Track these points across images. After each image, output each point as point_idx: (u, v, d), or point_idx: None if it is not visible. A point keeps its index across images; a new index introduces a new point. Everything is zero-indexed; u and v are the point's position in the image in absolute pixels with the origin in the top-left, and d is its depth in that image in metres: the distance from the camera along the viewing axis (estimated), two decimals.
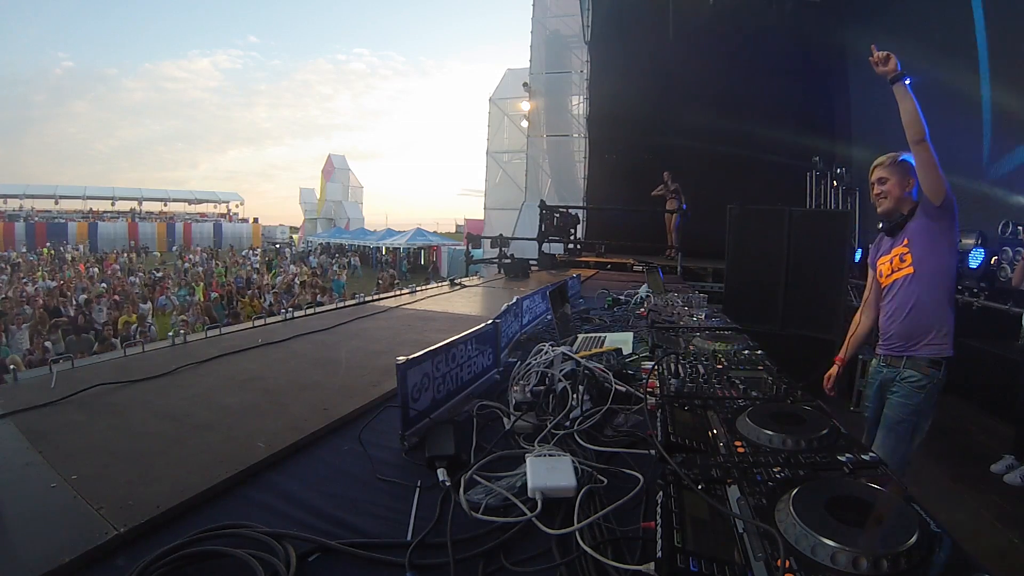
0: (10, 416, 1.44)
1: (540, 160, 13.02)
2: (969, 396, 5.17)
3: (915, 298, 2.07)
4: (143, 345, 2.30)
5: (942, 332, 2.06)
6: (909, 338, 2.10)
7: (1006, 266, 4.78)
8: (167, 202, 38.47)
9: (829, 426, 1.02)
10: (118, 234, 30.80)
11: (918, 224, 2.07)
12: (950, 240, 2.05)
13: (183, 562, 0.83)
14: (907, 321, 2.10)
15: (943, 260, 2.05)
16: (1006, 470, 3.75)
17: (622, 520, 0.93)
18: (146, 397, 1.64)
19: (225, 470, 1.14)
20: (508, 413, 1.42)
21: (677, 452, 0.97)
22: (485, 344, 1.75)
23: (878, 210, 2.19)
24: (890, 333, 2.17)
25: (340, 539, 0.91)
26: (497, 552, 0.89)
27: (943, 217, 2.00)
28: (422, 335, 2.60)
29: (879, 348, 2.26)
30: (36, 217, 31.05)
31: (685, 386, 1.36)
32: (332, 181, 37.70)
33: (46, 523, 0.96)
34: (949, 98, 6.57)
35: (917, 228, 2.07)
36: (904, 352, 2.11)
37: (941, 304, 2.06)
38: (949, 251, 2.06)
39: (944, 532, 0.68)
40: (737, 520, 0.73)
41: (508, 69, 14.61)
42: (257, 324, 2.82)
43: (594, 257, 8.01)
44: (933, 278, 2.05)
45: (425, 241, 25.50)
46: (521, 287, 4.72)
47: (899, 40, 7.52)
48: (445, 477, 1.11)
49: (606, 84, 10.94)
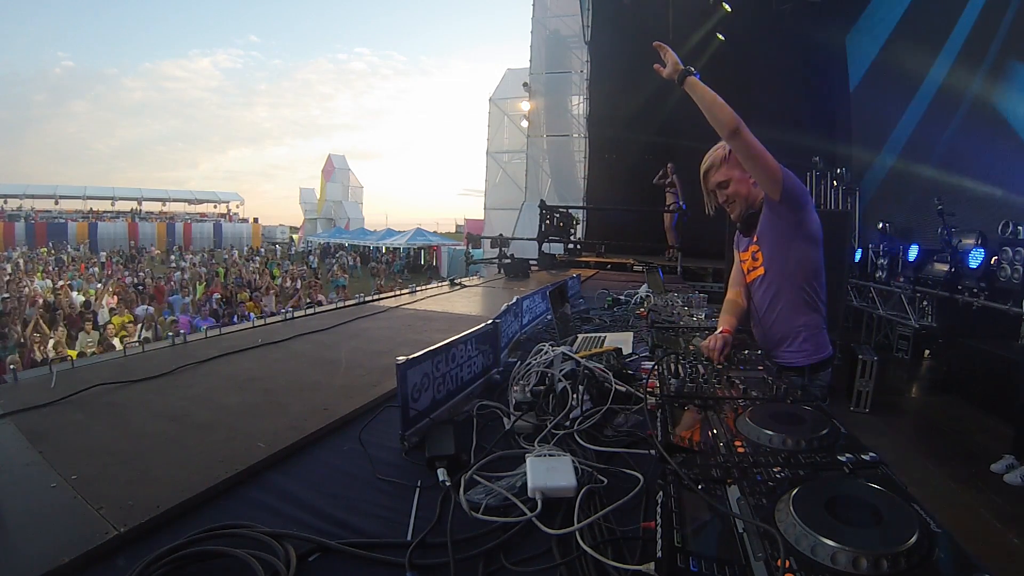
0: (10, 416, 1.44)
1: (540, 160, 13.02)
2: (969, 396, 5.18)
3: (767, 302, 1.88)
4: (143, 345, 2.30)
5: (799, 339, 1.84)
6: (767, 345, 1.90)
7: (1006, 266, 4.78)
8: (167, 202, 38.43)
9: (829, 426, 1.02)
10: (118, 234, 30.76)
11: (764, 221, 1.82)
12: (805, 233, 1.79)
13: (183, 562, 0.83)
14: (762, 327, 1.93)
15: (797, 256, 1.80)
16: (1006, 470, 3.76)
17: (622, 520, 0.93)
18: (146, 397, 1.64)
19: (225, 470, 1.14)
20: (508, 413, 1.42)
21: (677, 452, 0.97)
22: (485, 344, 1.75)
23: (731, 216, 1.95)
24: (756, 336, 1.98)
25: (340, 539, 0.91)
26: (497, 552, 0.89)
27: (789, 210, 1.74)
28: (422, 335, 2.60)
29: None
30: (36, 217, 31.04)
31: (685, 386, 1.36)
32: (332, 181, 37.70)
33: (46, 523, 0.96)
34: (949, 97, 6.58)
35: (764, 225, 1.83)
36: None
37: (796, 308, 1.83)
38: (805, 245, 1.80)
39: (944, 532, 0.68)
40: (737, 520, 0.73)
41: (508, 69, 14.62)
42: (257, 324, 2.83)
43: (594, 257, 8.01)
44: (785, 279, 1.83)
45: (425, 241, 25.49)
46: (521, 287, 4.72)
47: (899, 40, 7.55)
48: (445, 477, 1.11)
49: (606, 84, 10.94)
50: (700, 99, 1.68)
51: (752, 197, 1.86)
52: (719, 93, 1.66)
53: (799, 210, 1.76)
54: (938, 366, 6.25)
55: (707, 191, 1.95)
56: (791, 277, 1.83)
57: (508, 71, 14.58)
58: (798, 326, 1.85)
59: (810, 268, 1.83)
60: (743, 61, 9.05)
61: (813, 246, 1.82)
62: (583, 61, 11.90)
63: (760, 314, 1.93)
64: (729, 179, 1.86)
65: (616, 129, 10.79)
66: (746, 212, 1.89)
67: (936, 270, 5.77)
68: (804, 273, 1.83)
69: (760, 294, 1.92)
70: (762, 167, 1.67)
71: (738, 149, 1.68)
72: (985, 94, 5.97)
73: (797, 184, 1.73)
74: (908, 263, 6.35)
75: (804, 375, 1.84)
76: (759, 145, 1.64)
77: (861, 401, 5.16)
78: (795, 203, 1.73)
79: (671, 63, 1.76)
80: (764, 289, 1.89)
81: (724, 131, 1.64)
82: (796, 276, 1.83)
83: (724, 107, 1.63)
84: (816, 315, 1.86)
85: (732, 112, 1.62)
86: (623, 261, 7.51)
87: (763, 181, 1.73)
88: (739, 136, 1.62)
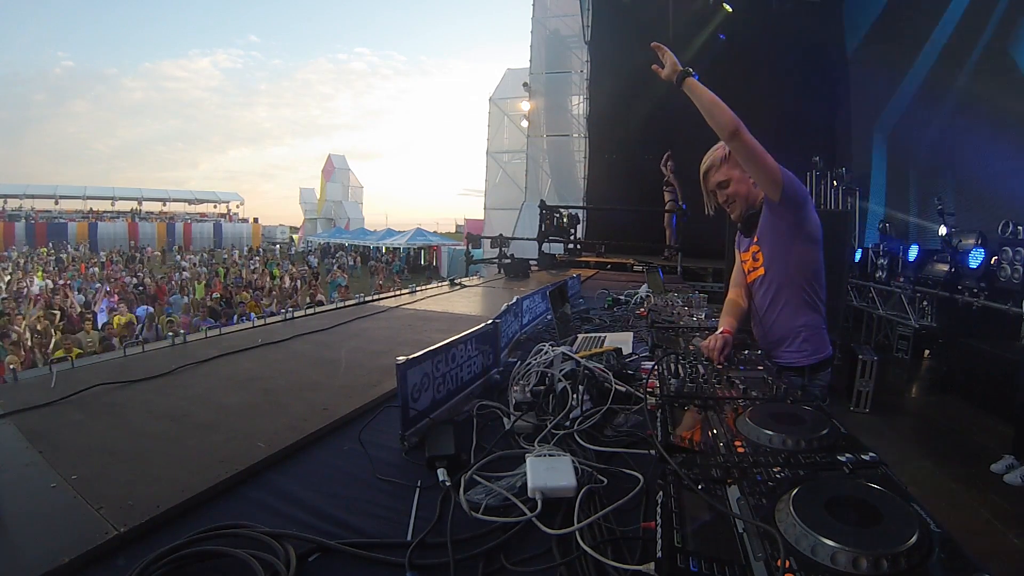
0: (10, 416, 1.44)
1: (540, 160, 13.02)
2: (969, 396, 5.18)
3: (768, 303, 1.88)
4: (143, 345, 2.30)
5: (799, 339, 1.84)
6: (767, 345, 1.91)
7: (1006, 266, 4.78)
8: (167, 202, 38.44)
9: (829, 426, 1.02)
10: (118, 234, 30.78)
11: (764, 221, 1.82)
12: (805, 233, 1.79)
13: (183, 562, 0.83)
14: (762, 327, 1.93)
15: (798, 257, 1.81)
16: (1006, 470, 3.76)
17: (622, 520, 0.93)
18: (146, 397, 1.64)
19: (225, 470, 1.14)
20: (508, 413, 1.42)
21: (677, 452, 0.97)
22: (485, 344, 1.75)
23: (732, 217, 1.95)
24: (756, 336, 1.98)
25: (340, 539, 0.91)
26: (497, 552, 0.89)
27: (788, 210, 1.73)
28: (422, 335, 2.60)
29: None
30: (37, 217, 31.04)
31: (685, 386, 1.36)
32: (332, 181, 37.73)
33: (46, 523, 0.96)
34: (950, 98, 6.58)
35: (765, 226, 1.83)
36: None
37: (796, 309, 1.84)
38: (805, 246, 1.80)
39: (944, 532, 0.68)
40: (737, 520, 0.73)
41: (508, 69, 14.64)
42: (257, 324, 2.83)
43: (594, 257, 8.01)
44: (785, 280, 1.83)
45: (425, 241, 25.49)
46: (521, 287, 4.72)
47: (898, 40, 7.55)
48: (445, 477, 1.11)
49: (606, 84, 10.94)
50: (699, 100, 1.67)
51: (752, 197, 1.86)
52: (718, 93, 1.65)
53: (799, 211, 1.75)
54: (938, 366, 6.25)
55: (707, 191, 1.95)
56: (791, 278, 1.83)
57: (508, 71, 14.60)
58: (798, 326, 1.85)
59: (810, 268, 1.83)
60: (743, 61, 9.05)
61: (813, 246, 1.82)
62: (583, 61, 11.90)
63: (760, 314, 1.93)
64: (729, 179, 1.86)
65: (616, 129, 10.79)
66: (746, 212, 1.89)
67: (936, 270, 5.78)
68: (804, 273, 1.83)
69: (760, 294, 1.92)
70: (762, 168, 1.66)
71: (737, 150, 1.67)
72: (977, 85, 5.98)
73: (797, 185, 1.72)
74: (908, 263, 6.36)
75: (804, 375, 1.84)
76: (759, 146, 1.63)
77: (861, 401, 5.17)
78: (795, 204, 1.73)
79: (669, 64, 1.75)
80: (764, 289, 1.89)
81: (723, 132, 1.63)
82: (796, 277, 1.83)
83: (723, 108, 1.62)
84: (816, 315, 1.86)
85: (731, 113, 1.60)
86: (623, 261, 7.50)
87: (762, 182, 1.72)
88: (738, 137, 1.61)
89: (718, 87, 1.65)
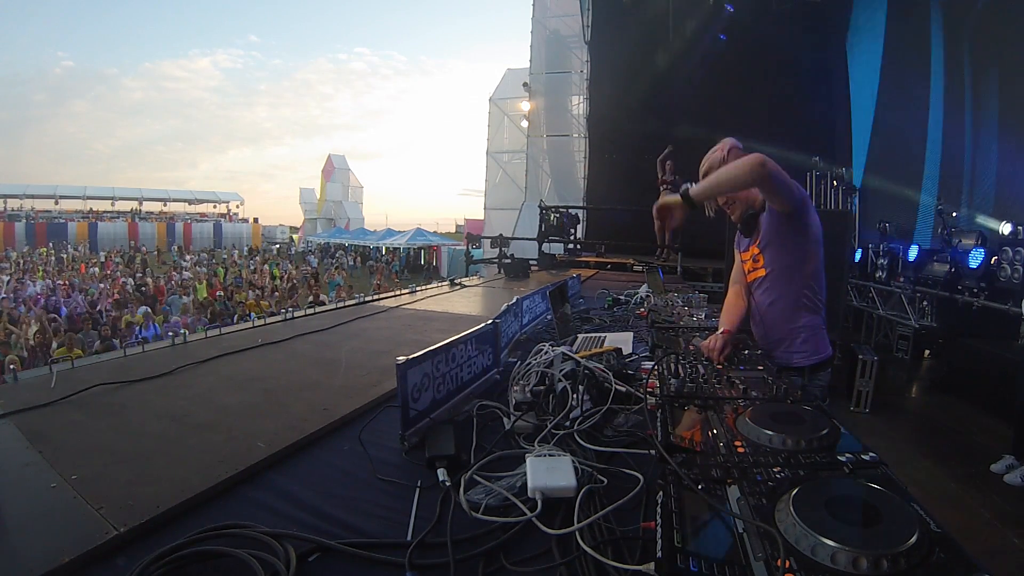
0: (10, 416, 1.44)
1: (540, 160, 13.02)
2: (969, 396, 5.17)
3: (768, 303, 1.89)
4: (143, 345, 2.30)
5: (798, 340, 1.85)
6: (767, 345, 1.91)
7: (1006, 266, 4.78)
8: (167, 202, 38.41)
9: (829, 426, 1.02)
10: (118, 234, 30.74)
11: (767, 223, 1.83)
12: (806, 235, 1.81)
13: (183, 562, 0.83)
14: (761, 327, 1.94)
15: (798, 258, 1.82)
16: (1006, 470, 3.75)
17: (622, 520, 0.93)
18: (146, 397, 1.64)
19: (225, 470, 1.14)
20: (508, 413, 1.42)
21: (677, 452, 0.97)
22: (485, 344, 1.75)
23: (732, 218, 1.97)
24: (756, 336, 1.98)
25: (340, 539, 0.91)
26: (497, 552, 0.89)
27: (792, 214, 1.75)
28: (422, 335, 2.60)
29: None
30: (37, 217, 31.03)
31: (685, 386, 1.36)
32: (332, 181, 37.69)
33: (46, 523, 0.96)
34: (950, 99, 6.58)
35: (767, 227, 1.84)
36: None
37: (796, 309, 1.84)
38: (806, 248, 1.82)
39: (944, 532, 0.68)
40: (737, 520, 0.73)
41: (508, 69, 14.63)
42: (257, 324, 2.82)
43: (594, 257, 8.01)
44: (786, 281, 1.84)
45: (425, 241, 25.47)
46: (521, 287, 4.73)
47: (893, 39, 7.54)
48: (445, 477, 1.11)
49: (606, 84, 10.94)
50: (716, 189, 1.68)
51: (752, 198, 1.88)
52: (719, 93, 1.65)
53: (802, 216, 1.77)
54: (938, 366, 6.24)
55: None
56: (792, 279, 1.84)
57: (508, 71, 14.60)
58: (798, 327, 1.86)
59: (811, 270, 1.84)
60: (743, 61, 9.05)
61: (814, 248, 1.83)
62: (583, 61, 11.90)
63: (760, 314, 1.94)
64: None
65: (616, 129, 10.78)
66: (746, 213, 1.90)
67: (936, 270, 5.78)
68: (804, 275, 1.84)
69: (761, 295, 1.92)
70: (785, 193, 1.66)
71: (763, 187, 1.67)
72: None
73: (802, 194, 1.73)
74: (908, 263, 6.36)
75: (804, 375, 1.85)
76: (782, 176, 1.60)
77: (861, 401, 5.16)
78: (799, 212, 1.74)
79: (669, 201, 1.75)
80: (765, 290, 1.90)
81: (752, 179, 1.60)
82: (797, 278, 1.84)
83: (734, 167, 1.59)
84: (816, 316, 1.87)
85: (743, 162, 1.57)
86: (623, 261, 7.50)
87: (777, 204, 1.73)
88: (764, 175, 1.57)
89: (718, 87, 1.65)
